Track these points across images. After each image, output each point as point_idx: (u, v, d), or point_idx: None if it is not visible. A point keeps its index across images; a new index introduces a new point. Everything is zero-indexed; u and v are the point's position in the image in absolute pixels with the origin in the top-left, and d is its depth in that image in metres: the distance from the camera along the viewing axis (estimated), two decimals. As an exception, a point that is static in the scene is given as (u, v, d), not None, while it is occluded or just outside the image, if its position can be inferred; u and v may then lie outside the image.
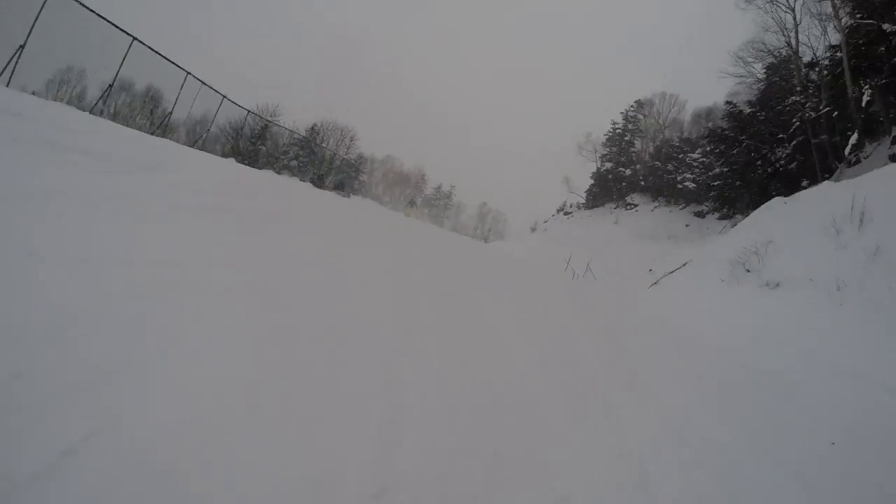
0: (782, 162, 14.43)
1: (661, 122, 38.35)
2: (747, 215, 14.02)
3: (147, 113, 17.05)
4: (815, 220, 8.99)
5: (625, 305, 9.53)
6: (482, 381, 3.00)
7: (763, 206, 12.42)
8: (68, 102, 10.62)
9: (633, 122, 39.36)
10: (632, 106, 39.92)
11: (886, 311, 6.19)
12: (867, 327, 6.13)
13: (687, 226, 32.50)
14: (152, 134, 12.35)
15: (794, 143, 13.91)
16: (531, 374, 3.40)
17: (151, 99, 17.37)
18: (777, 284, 8.00)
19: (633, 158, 39.26)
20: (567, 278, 17.60)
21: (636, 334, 6.35)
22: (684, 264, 12.68)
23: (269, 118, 29.85)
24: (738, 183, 16.65)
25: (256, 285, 3.32)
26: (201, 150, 14.02)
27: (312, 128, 40.04)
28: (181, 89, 15.37)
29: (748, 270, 9.03)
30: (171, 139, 12.26)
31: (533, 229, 47.83)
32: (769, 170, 15.09)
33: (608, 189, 39.85)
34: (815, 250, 8.15)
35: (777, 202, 11.75)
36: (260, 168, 21.56)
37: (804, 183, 12.43)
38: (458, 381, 2.89)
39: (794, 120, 13.69)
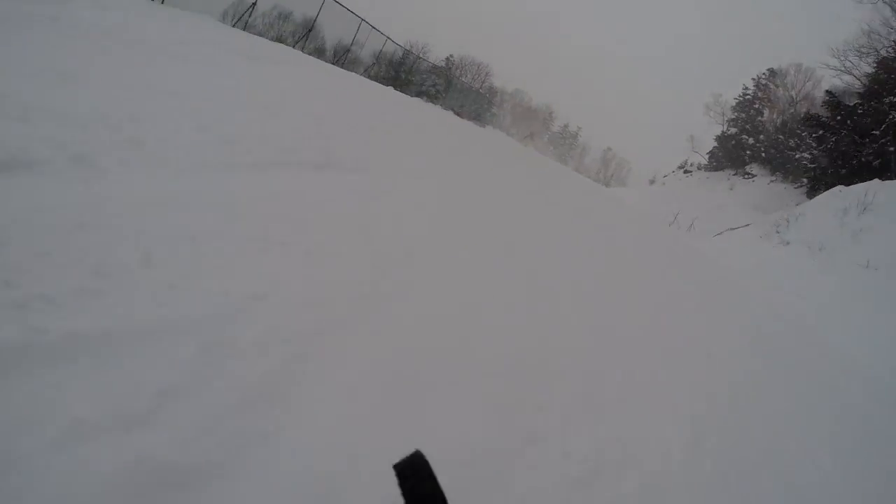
0: (870, 157, 16.23)
1: (793, 94, 37.40)
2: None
3: (303, 41, 21.49)
4: (841, 204, 12.15)
5: (681, 245, 13.46)
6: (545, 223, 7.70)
7: (828, 191, 15.16)
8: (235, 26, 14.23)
9: (763, 90, 38.65)
10: (764, 73, 38.98)
11: (836, 263, 9.84)
12: (818, 271, 9.86)
13: (797, 205, 33.08)
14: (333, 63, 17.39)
15: (881, 141, 15.66)
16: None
17: (307, 29, 22.06)
18: (788, 242, 11.61)
19: (759, 128, 38.99)
20: (662, 225, 21.06)
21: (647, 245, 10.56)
22: (747, 225, 15.99)
23: (420, 55, 34.49)
24: (830, 171, 18.58)
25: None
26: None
27: (448, 59, 43.95)
28: (356, 32, 20.38)
29: (777, 232, 12.55)
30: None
31: (652, 182, 49.17)
32: (854, 162, 16.95)
33: (729, 154, 40.17)
34: (823, 224, 11.54)
35: (836, 189, 14.51)
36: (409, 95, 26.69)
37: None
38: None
39: (888, 119, 15.36)
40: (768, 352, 4.98)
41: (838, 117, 18.40)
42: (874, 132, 16.17)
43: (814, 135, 20.33)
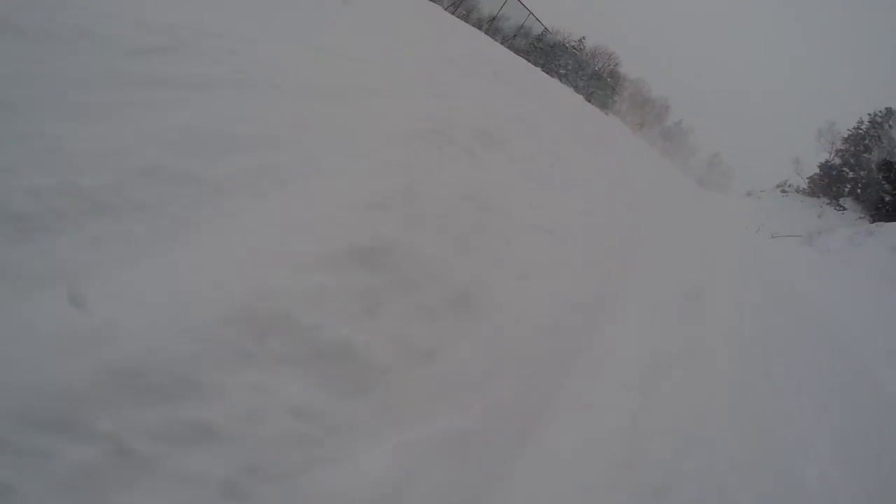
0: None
1: (908, 140, 38.86)
2: None
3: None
4: (860, 230, 17.20)
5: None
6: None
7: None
8: None
9: (877, 128, 40.21)
10: (881, 112, 40.29)
11: (831, 259, 15.24)
12: (816, 260, 15.32)
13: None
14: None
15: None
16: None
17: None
18: (811, 245, 16.98)
19: (863, 165, 40.88)
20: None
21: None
22: (800, 235, 21.09)
23: (557, 37, 38.74)
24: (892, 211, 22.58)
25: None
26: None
27: (580, 40, 47.47)
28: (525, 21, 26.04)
29: (809, 240, 17.87)
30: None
31: (748, 194, 51.41)
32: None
33: (828, 184, 42.06)
34: (839, 239, 16.75)
35: (874, 225, 19.27)
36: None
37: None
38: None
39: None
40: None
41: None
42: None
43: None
